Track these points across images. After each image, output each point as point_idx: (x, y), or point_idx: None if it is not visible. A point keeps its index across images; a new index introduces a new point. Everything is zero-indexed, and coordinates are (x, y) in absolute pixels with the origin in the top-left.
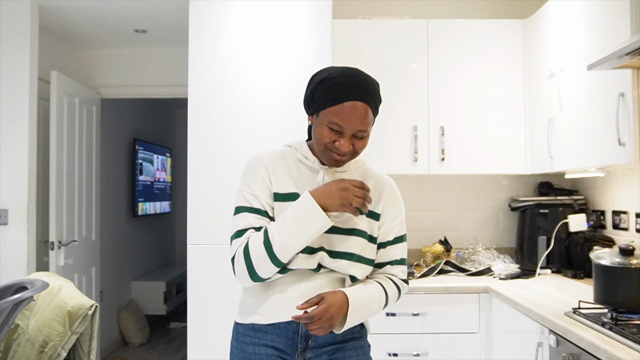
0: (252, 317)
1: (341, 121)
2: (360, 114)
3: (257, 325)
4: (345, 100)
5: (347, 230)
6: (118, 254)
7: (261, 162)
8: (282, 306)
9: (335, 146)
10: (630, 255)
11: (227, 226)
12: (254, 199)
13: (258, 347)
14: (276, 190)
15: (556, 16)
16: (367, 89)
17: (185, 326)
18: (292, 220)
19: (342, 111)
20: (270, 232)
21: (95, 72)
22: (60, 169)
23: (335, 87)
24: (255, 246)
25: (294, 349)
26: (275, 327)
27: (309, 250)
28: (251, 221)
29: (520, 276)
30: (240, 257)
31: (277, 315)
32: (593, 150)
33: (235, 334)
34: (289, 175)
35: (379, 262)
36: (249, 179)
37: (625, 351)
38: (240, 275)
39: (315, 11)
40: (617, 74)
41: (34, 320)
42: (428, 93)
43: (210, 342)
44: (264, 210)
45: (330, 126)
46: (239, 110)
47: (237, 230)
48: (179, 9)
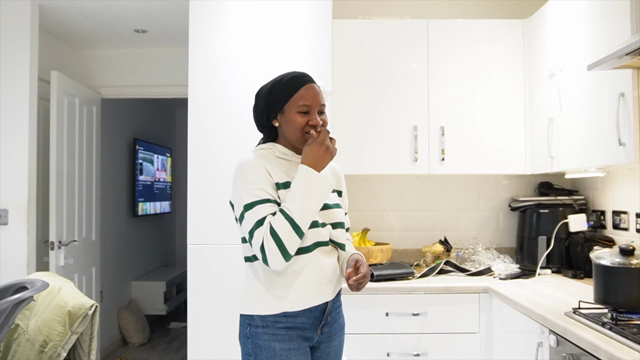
0: (284, 306)
1: (307, 100)
2: (317, 91)
3: (289, 312)
4: (302, 85)
5: (333, 205)
6: (118, 254)
7: (256, 161)
8: (313, 292)
9: (309, 124)
10: (630, 255)
11: (227, 226)
12: (261, 192)
13: (290, 330)
14: (277, 180)
15: (556, 16)
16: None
17: (185, 326)
18: (301, 193)
19: (305, 94)
20: (287, 210)
21: (95, 72)
22: (60, 169)
23: (288, 82)
24: (279, 226)
25: (316, 325)
26: (306, 310)
27: (321, 224)
28: (267, 209)
29: (520, 276)
30: (270, 240)
31: (311, 300)
32: (593, 150)
33: (262, 322)
34: (278, 169)
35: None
36: (250, 177)
37: (625, 351)
38: (273, 258)
39: (315, 11)
40: (617, 74)
41: (34, 320)
42: (428, 93)
43: (210, 342)
44: (273, 199)
45: (300, 110)
46: (239, 110)
47: (257, 220)
48: (179, 9)
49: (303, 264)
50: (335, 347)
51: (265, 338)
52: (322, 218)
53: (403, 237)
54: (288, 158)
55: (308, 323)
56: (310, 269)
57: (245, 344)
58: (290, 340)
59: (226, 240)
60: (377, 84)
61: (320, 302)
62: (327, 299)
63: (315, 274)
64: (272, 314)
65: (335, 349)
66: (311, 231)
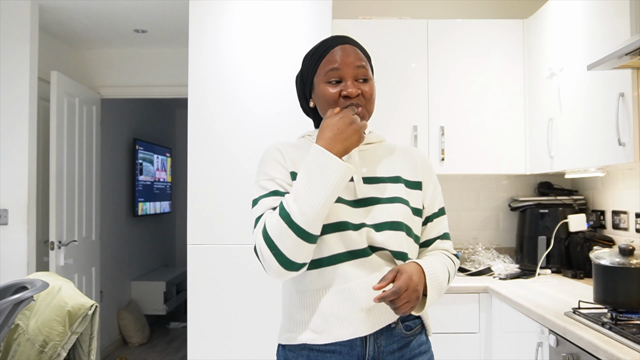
0: (303, 335)
1: (336, 63)
2: (351, 52)
3: (309, 345)
4: (331, 47)
5: (388, 199)
6: (118, 254)
7: (274, 148)
8: (340, 321)
9: (342, 95)
10: (630, 255)
11: (227, 226)
12: (270, 183)
13: None
14: (293, 169)
15: (556, 16)
16: (346, 37)
17: (185, 326)
18: (305, 179)
19: (333, 57)
20: (285, 202)
21: (95, 72)
22: (60, 169)
23: (319, 47)
24: (273, 223)
25: None
26: (335, 351)
27: (352, 226)
28: (269, 203)
29: (520, 276)
30: (261, 241)
31: (335, 333)
32: (593, 150)
33: (283, 354)
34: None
35: (427, 239)
36: (263, 167)
37: (625, 351)
38: (269, 265)
39: (315, 11)
40: (617, 74)
41: (34, 320)
42: (428, 93)
43: (211, 342)
44: (283, 190)
45: (328, 79)
46: (239, 110)
47: (256, 217)
48: (179, 9)
49: (329, 280)
50: None
51: None
52: (358, 217)
53: None
54: None
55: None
56: (336, 285)
57: None
58: None
59: (226, 240)
60: (377, 83)
61: (347, 338)
62: (360, 334)
63: (343, 296)
64: (291, 344)
65: None
66: (334, 235)
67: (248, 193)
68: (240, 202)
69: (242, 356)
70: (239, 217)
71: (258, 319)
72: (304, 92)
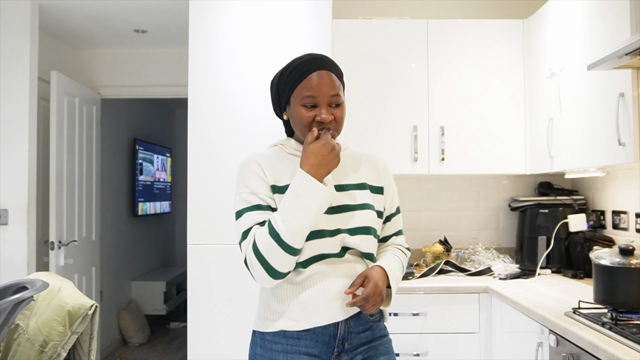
0: (281, 323)
1: (312, 91)
2: (327, 79)
3: (289, 332)
4: (308, 73)
5: (358, 205)
6: (118, 254)
7: (253, 161)
8: (318, 310)
9: (316, 120)
10: (630, 255)
11: (227, 226)
12: (252, 196)
13: (290, 354)
14: (274, 183)
15: (556, 16)
16: (324, 59)
17: (185, 326)
18: (292, 202)
19: (310, 83)
20: (274, 222)
21: (95, 72)
22: (60, 169)
23: (296, 68)
24: (262, 240)
25: (329, 353)
26: (310, 332)
27: (328, 233)
28: (254, 218)
29: (520, 276)
30: (252, 256)
31: (313, 319)
32: (593, 150)
33: (261, 342)
34: (284, 168)
35: (385, 235)
36: (244, 179)
37: (625, 351)
38: (259, 276)
39: (315, 11)
40: (617, 74)
41: (34, 320)
42: (428, 93)
43: (210, 342)
44: (265, 204)
45: (304, 103)
46: (239, 110)
47: (242, 232)
48: (179, 9)
49: (306, 275)
50: None
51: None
52: (333, 223)
53: None
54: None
55: (315, 349)
56: (315, 282)
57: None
58: None
59: (226, 240)
60: (377, 83)
61: (324, 323)
62: (335, 319)
63: (321, 289)
64: (269, 332)
65: None
66: (312, 242)
67: None
68: None
69: (242, 356)
70: None
71: None
72: (278, 102)
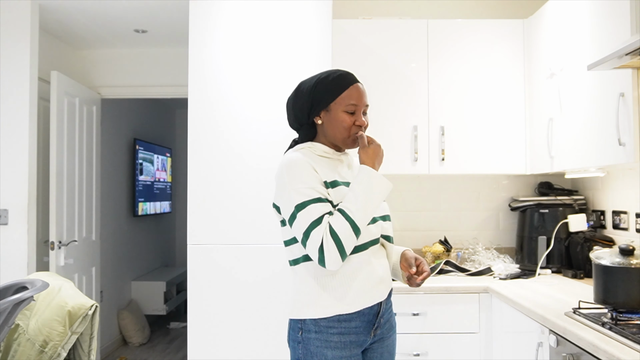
0: (339, 308)
1: (356, 100)
2: (363, 91)
3: (343, 316)
4: (350, 84)
5: None
6: (118, 254)
7: (303, 160)
8: (366, 293)
9: (356, 124)
10: (630, 255)
11: (227, 226)
12: (311, 190)
13: (343, 335)
14: (324, 179)
15: (556, 16)
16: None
17: (185, 326)
18: (363, 194)
19: (352, 93)
20: (347, 210)
21: (95, 72)
22: (60, 169)
23: (335, 80)
24: (340, 227)
25: (369, 329)
26: (360, 313)
27: (374, 220)
28: (321, 209)
29: (520, 276)
30: (329, 241)
31: (364, 301)
32: (593, 150)
33: (315, 328)
34: (323, 167)
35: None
36: (300, 175)
37: (625, 351)
38: (332, 259)
39: (315, 11)
40: (617, 74)
41: (34, 320)
42: (428, 93)
43: (211, 342)
44: (324, 198)
45: (347, 109)
46: (239, 110)
47: (313, 220)
48: (179, 9)
49: (357, 264)
50: (388, 347)
51: (318, 344)
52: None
53: (403, 237)
54: (329, 156)
55: (362, 327)
56: (364, 269)
57: (296, 349)
58: (343, 348)
59: (226, 240)
60: (377, 84)
61: (374, 303)
62: (381, 299)
63: (368, 274)
64: (325, 318)
65: (389, 349)
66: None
67: (248, 193)
68: (240, 202)
69: (242, 356)
70: (239, 217)
71: (258, 318)
72: (310, 108)
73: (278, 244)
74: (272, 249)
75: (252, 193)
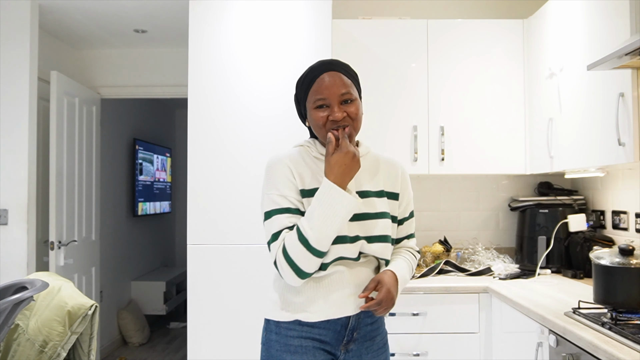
0: (300, 314)
1: (322, 93)
2: (334, 79)
3: (304, 321)
4: (317, 77)
5: (377, 214)
6: (118, 254)
7: (283, 163)
8: (333, 304)
9: (329, 120)
10: (630, 255)
11: (227, 226)
12: (282, 199)
13: (304, 339)
14: (302, 187)
15: (556, 16)
16: (332, 62)
17: (185, 326)
18: (319, 210)
19: (318, 86)
20: (302, 228)
21: (95, 72)
22: (60, 169)
23: (307, 75)
24: (292, 245)
25: (339, 341)
26: (324, 322)
27: (349, 239)
28: (284, 222)
29: (520, 276)
30: (282, 259)
31: (329, 312)
32: (593, 150)
33: (276, 329)
34: (310, 171)
35: (398, 238)
36: (274, 180)
37: (624, 351)
38: (288, 277)
39: (315, 11)
40: (617, 74)
41: (33, 320)
42: (428, 93)
43: (210, 342)
44: (294, 208)
45: (317, 105)
46: (239, 110)
47: (272, 233)
48: (179, 9)
49: (324, 273)
50: None
51: (277, 347)
52: (355, 230)
53: None
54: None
55: (328, 336)
56: (332, 278)
57: (261, 351)
58: (304, 353)
59: (226, 240)
60: (377, 83)
61: (339, 316)
62: (349, 313)
63: (337, 284)
64: (285, 321)
65: None
66: (335, 247)
67: (248, 193)
68: (240, 202)
69: (242, 356)
70: (239, 217)
71: (258, 318)
72: (300, 112)
73: None
74: None
75: (252, 193)
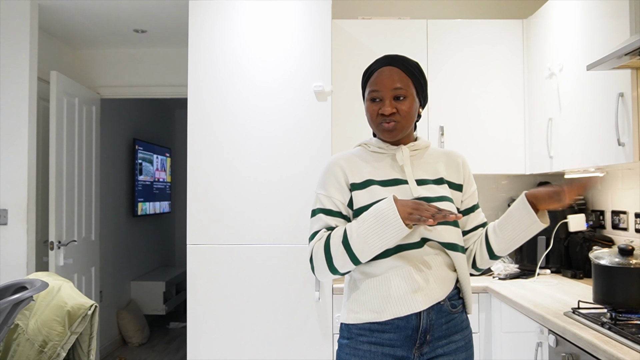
0: (364, 315)
1: (375, 86)
2: (389, 74)
3: (374, 326)
4: (376, 69)
5: (437, 197)
6: (118, 254)
7: (336, 164)
8: (397, 301)
9: (380, 113)
10: (629, 255)
11: (227, 226)
12: (327, 200)
13: (373, 345)
14: (353, 181)
15: (556, 16)
16: (393, 56)
17: (184, 326)
18: (372, 222)
19: (374, 79)
20: (349, 231)
21: (95, 72)
22: (60, 169)
23: (369, 67)
24: (335, 243)
25: (411, 345)
26: (394, 325)
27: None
28: (326, 221)
29: (519, 276)
30: (320, 253)
31: (393, 310)
32: (592, 150)
33: (348, 335)
34: (366, 165)
35: (473, 227)
36: (324, 181)
37: (624, 351)
38: (320, 268)
39: (315, 11)
40: (617, 74)
41: (33, 320)
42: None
43: (210, 342)
44: (337, 211)
45: (371, 97)
46: (239, 110)
47: (314, 231)
48: (179, 9)
49: (384, 268)
50: None
51: (347, 351)
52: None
53: None
54: (382, 151)
55: (398, 340)
56: (392, 273)
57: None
58: (371, 358)
59: (226, 240)
60: None
61: (404, 314)
62: (415, 310)
63: (399, 280)
64: (355, 324)
65: None
66: None
67: (248, 193)
68: (240, 202)
69: (242, 356)
70: (238, 217)
71: (258, 318)
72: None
73: (278, 243)
74: (271, 248)
75: (251, 193)
